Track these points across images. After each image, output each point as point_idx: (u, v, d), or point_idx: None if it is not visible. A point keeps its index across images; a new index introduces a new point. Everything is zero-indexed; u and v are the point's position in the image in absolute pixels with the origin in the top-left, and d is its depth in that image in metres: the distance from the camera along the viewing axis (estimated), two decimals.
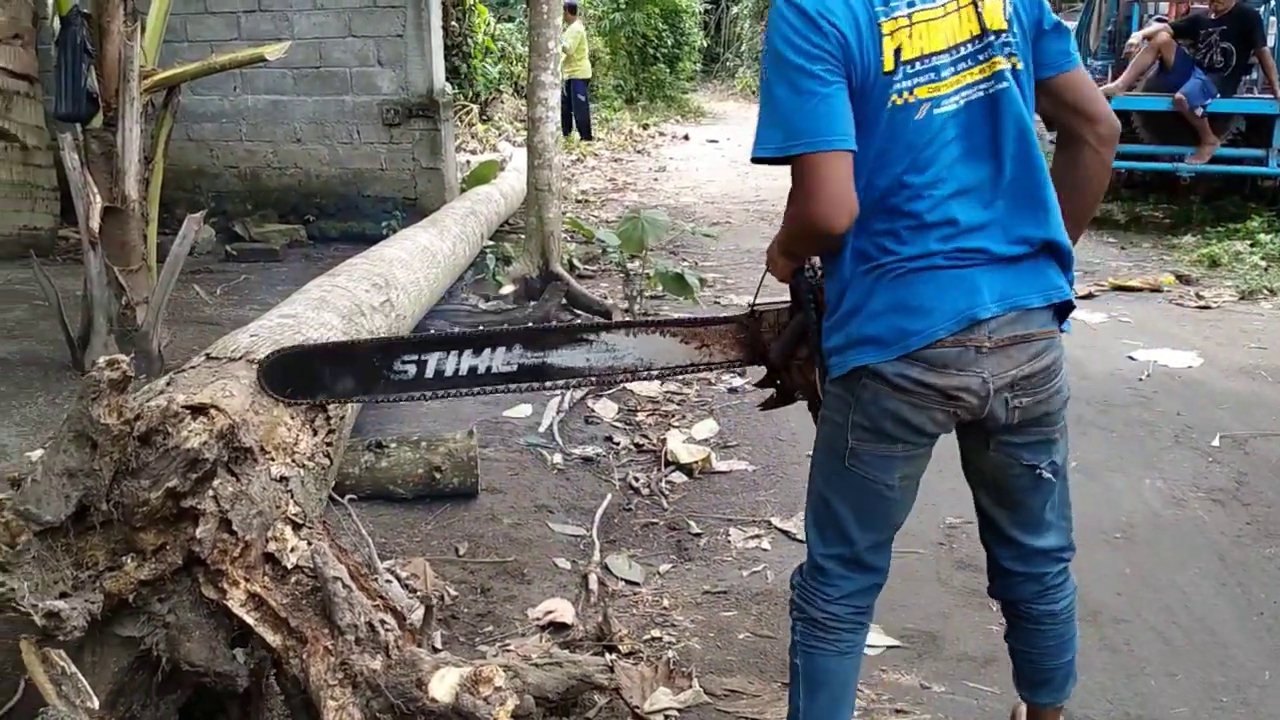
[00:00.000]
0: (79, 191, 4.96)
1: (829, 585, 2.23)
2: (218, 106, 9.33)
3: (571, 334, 2.56)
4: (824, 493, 2.20)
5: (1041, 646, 2.39)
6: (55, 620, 1.94)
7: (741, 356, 2.59)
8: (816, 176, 1.90)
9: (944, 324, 1.96)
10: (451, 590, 3.47)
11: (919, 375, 1.99)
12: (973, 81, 1.98)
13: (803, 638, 2.26)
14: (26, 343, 5.81)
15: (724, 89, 29.94)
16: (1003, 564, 2.34)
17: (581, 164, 15.03)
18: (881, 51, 1.91)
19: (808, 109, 1.90)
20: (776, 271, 2.31)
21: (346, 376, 2.55)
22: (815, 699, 2.26)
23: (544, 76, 6.89)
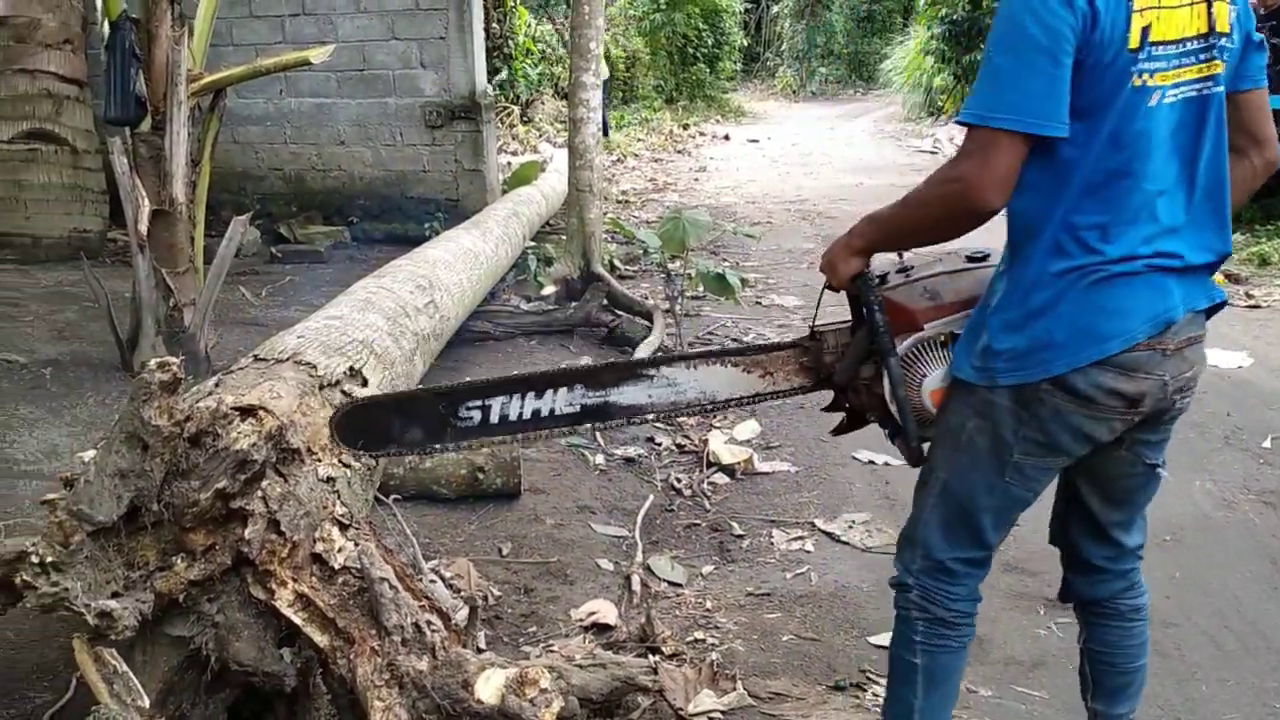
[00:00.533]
0: (127, 195, 5.03)
1: (956, 585, 2.21)
2: (263, 109, 9.42)
3: (631, 370, 2.51)
4: (964, 501, 2.14)
5: (1126, 646, 2.35)
6: (107, 620, 1.97)
7: (807, 382, 2.50)
8: (998, 152, 1.85)
9: (1143, 327, 1.92)
10: (495, 591, 3.48)
11: (1110, 383, 1.94)
12: (1191, 79, 1.93)
13: (926, 637, 2.23)
14: (77, 344, 5.89)
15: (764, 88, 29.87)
16: (1095, 562, 2.30)
17: (622, 164, 15.05)
18: (1130, 27, 1.84)
19: (1029, 85, 1.84)
20: (838, 274, 2.21)
21: (415, 426, 2.51)
22: (932, 695, 2.26)
23: (585, 77, 6.90)
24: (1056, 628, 3.24)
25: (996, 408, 2.04)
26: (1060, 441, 2.02)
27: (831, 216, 10.72)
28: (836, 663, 3.12)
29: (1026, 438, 2.03)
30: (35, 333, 6.05)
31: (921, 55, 20.26)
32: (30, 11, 8.05)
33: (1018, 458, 2.05)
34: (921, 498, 2.24)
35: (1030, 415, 2.01)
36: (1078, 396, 1.96)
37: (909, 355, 2.20)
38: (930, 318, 2.18)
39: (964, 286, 2.19)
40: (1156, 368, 1.95)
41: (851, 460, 4.52)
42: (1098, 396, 1.95)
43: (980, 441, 2.08)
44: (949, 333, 2.17)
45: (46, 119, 8.15)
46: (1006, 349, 2.00)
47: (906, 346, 2.19)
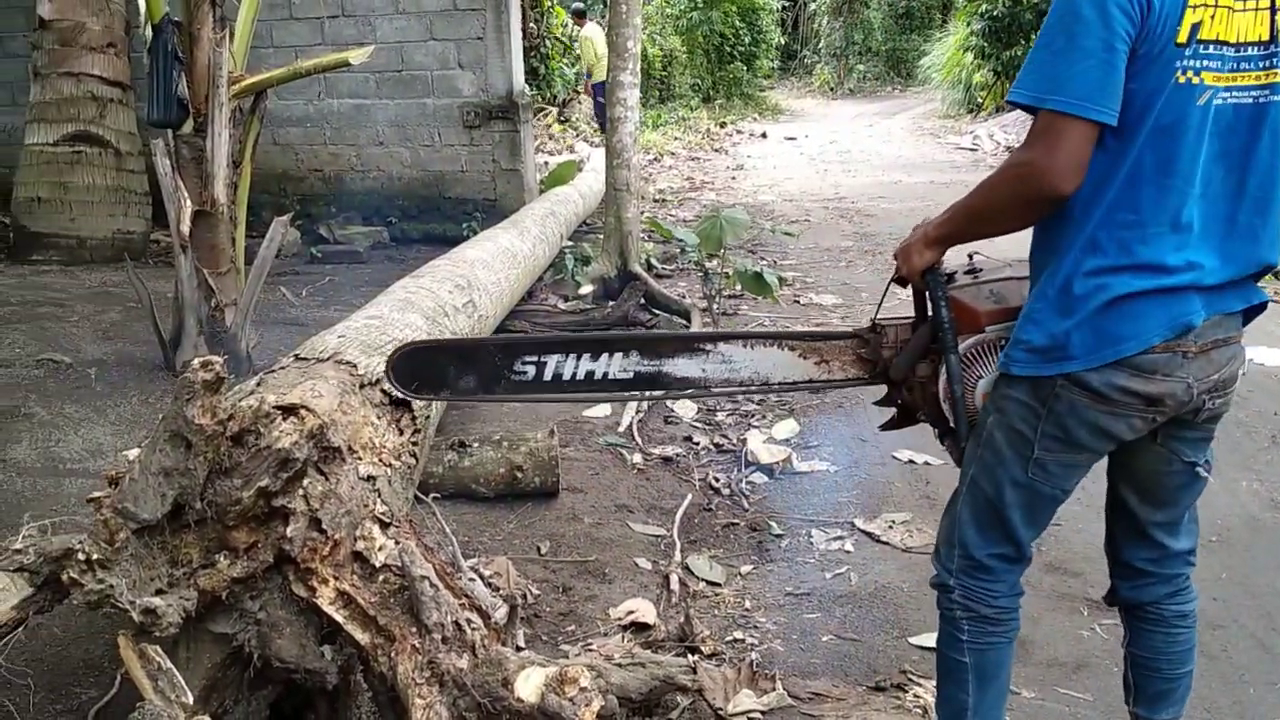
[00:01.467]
0: (170, 196, 5.08)
1: (997, 581, 2.21)
2: (302, 111, 9.50)
3: (688, 343, 2.52)
4: (992, 497, 2.15)
5: (1170, 652, 2.32)
6: (152, 617, 1.98)
7: (862, 374, 2.50)
8: (1062, 136, 1.84)
9: (1159, 330, 1.92)
10: (534, 589, 3.48)
11: (1125, 382, 1.95)
12: (1248, 85, 1.91)
13: (973, 636, 2.23)
14: (120, 344, 5.96)
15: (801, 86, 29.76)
16: (1136, 565, 2.28)
17: (659, 163, 15.05)
18: (1181, 21, 1.83)
19: (1082, 68, 1.82)
20: (912, 264, 2.21)
21: (470, 374, 2.53)
22: (987, 691, 2.26)
23: (623, 76, 6.91)
24: (1100, 629, 3.21)
25: (1012, 401, 2.07)
26: (1079, 438, 2.02)
27: (870, 214, 10.66)
28: (877, 663, 3.10)
29: (1045, 433, 2.04)
30: (80, 333, 6.13)
31: (961, 52, 20.11)
32: (75, 15, 8.16)
33: (1039, 453, 2.06)
34: (954, 497, 2.26)
35: (1048, 410, 2.02)
36: (1092, 392, 1.97)
37: (968, 355, 2.20)
38: (993, 320, 2.19)
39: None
40: (1178, 370, 1.95)
41: (891, 459, 4.49)
42: (1112, 394, 1.96)
43: (999, 436, 2.11)
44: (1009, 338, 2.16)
45: (91, 121, 8.26)
46: (1025, 339, 2.02)
47: (967, 346, 2.20)
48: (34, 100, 8.31)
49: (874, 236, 9.45)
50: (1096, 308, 1.93)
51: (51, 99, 8.20)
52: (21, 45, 9.45)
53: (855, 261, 8.51)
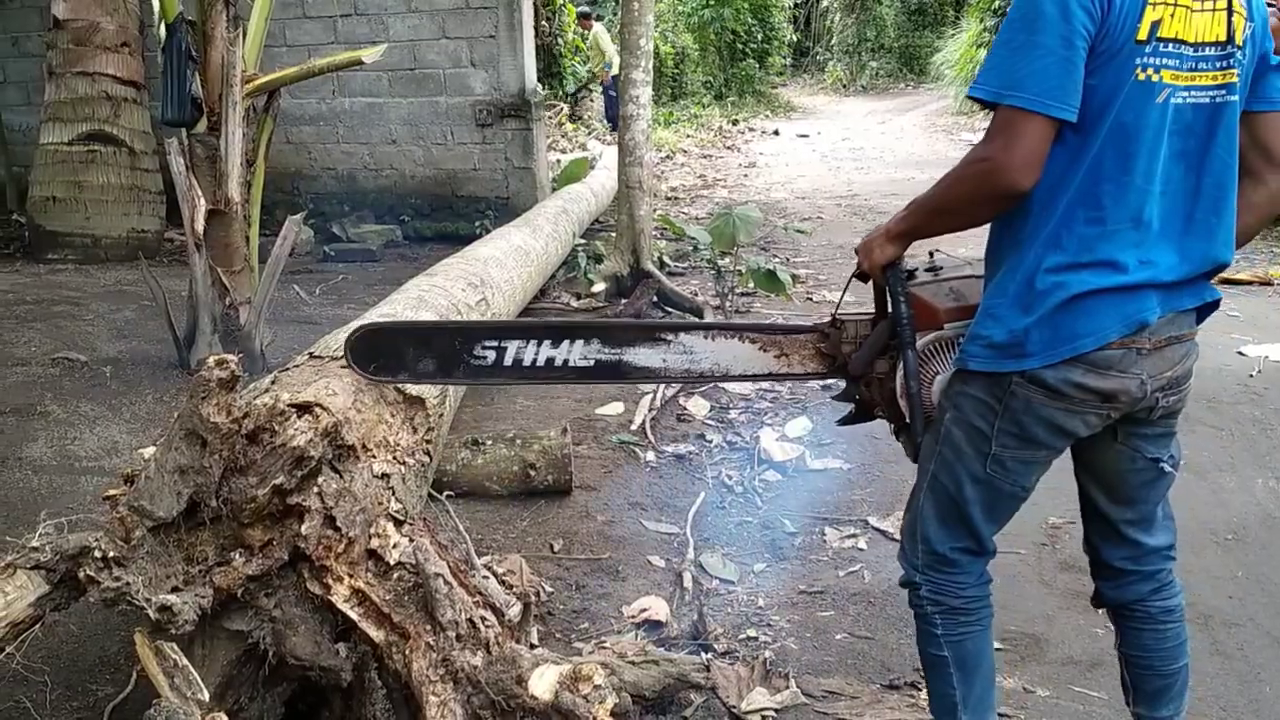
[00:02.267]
0: (184, 195, 5.10)
1: (961, 574, 2.23)
2: (315, 110, 9.52)
3: (650, 333, 2.54)
4: (952, 493, 2.16)
5: (1161, 649, 2.32)
6: (168, 614, 1.99)
7: (822, 368, 2.53)
8: (1020, 133, 1.85)
9: (1115, 327, 1.94)
10: (547, 587, 3.48)
11: (1080, 379, 1.96)
12: (1205, 85, 1.93)
13: (947, 629, 2.24)
14: (135, 342, 5.98)
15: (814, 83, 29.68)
16: (1115, 564, 2.29)
17: (671, 161, 15.04)
18: (1141, 19, 1.85)
19: (1041, 66, 1.83)
20: (873, 259, 2.22)
21: (429, 358, 2.55)
22: (973, 682, 2.27)
23: (635, 74, 6.90)
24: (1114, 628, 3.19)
25: (969, 398, 2.08)
26: (1035, 434, 2.04)
27: (883, 211, 10.62)
28: (891, 661, 3.10)
29: (1002, 430, 2.05)
30: (95, 331, 6.16)
31: (974, 48, 20.02)
32: (89, 15, 8.19)
33: (996, 449, 2.08)
34: (914, 494, 2.27)
35: (1004, 407, 2.04)
36: (1048, 390, 1.99)
37: (925, 352, 2.22)
38: (952, 318, 2.21)
39: None
40: (1132, 366, 1.97)
41: (904, 457, 4.47)
42: (1068, 390, 1.98)
43: (956, 432, 2.12)
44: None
45: (105, 121, 8.30)
46: (983, 335, 2.03)
47: (925, 343, 2.21)
48: (49, 100, 8.35)
49: None
50: (1056, 305, 1.94)
51: (66, 98, 8.24)
52: (37, 45, 9.50)
53: None
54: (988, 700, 2.32)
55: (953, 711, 2.29)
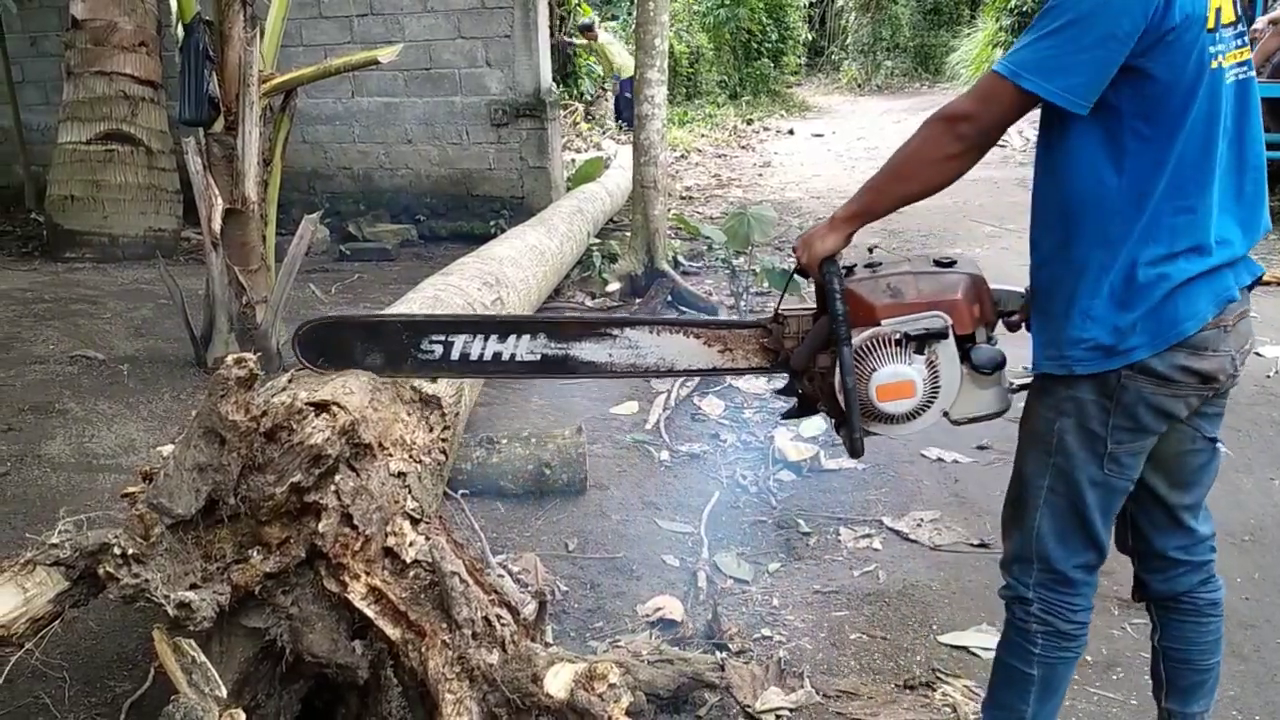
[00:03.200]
0: (201, 194, 5.12)
1: (1077, 596, 2.20)
2: (332, 109, 9.54)
3: (596, 328, 2.54)
4: (1072, 502, 2.13)
5: (1202, 642, 2.32)
6: (186, 611, 2.01)
7: (765, 363, 2.54)
8: (1000, 100, 1.93)
9: (1210, 307, 1.97)
10: (562, 585, 3.50)
11: (1185, 362, 1.99)
12: (1236, 63, 1.98)
13: (1046, 650, 2.21)
14: (152, 340, 6.01)
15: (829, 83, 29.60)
16: (1169, 554, 2.27)
17: (685, 160, 15.03)
18: (1208, 6, 1.88)
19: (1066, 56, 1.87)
20: (812, 252, 2.22)
21: (376, 351, 2.56)
22: (1046, 704, 2.27)
23: (650, 74, 6.90)
24: (1131, 629, 3.19)
25: (1082, 403, 2.06)
26: (1146, 422, 2.05)
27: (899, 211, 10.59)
28: (905, 661, 3.10)
29: (1117, 426, 2.05)
30: (113, 329, 6.20)
31: (989, 47, 19.96)
32: (107, 15, 8.23)
33: (1112, 448, 2.07)
34: (1023, 512, 2.21)
35: (1116, 404, 2.03)
36: (1158, 377, 2.00)
37: (863, 348, 2.21)
38: (889, 314, 2.21)
39: (927, 288, 2.21)
40: (1222, 344, 2.00)
41: (920, 457, 4.47)
42: (1175, 375, 1.99)
43: (1071, 440, 2.09)
44: (904, 332, 2.19)
45: (123, 120, 8.34)
46: (1085, 338, 2.02)
47: (863, 339, 2.21)
48: (67, 99, 8.39)
49: (902, 234, 9.39)
50: (1161, 296, 1.95)
51: (84, 98, 8.28)
52: (55, 45, 9.55)
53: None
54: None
55: None
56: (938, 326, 2.17)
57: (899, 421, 2.26)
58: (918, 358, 2.19)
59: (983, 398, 2.27)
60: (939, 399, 2.22)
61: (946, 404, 2.24)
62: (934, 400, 2.22)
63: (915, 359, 2.19)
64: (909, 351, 2.19)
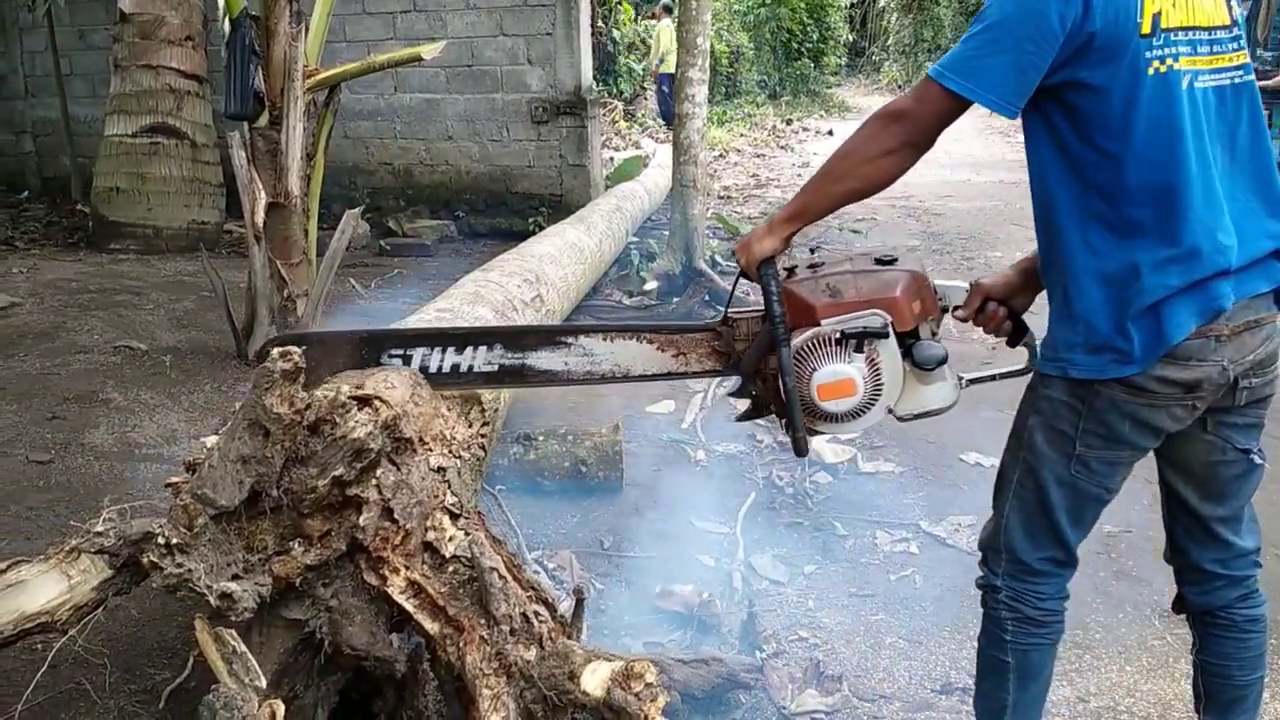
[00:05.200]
0: (245, 188, 5.17)
1: (1044, 584, 2.22)
2: (374, 105, 9.60)
3: (550, 336, 2.57)
4: (1038, 499, 2.15)
5: (1242, 658, 2.28)
6: (228, 601, 2.02)
7: (718, 366, 2.55)
8: (931, 100, 1.96)
9: (1193, 317, 1.93)
10: (597, 583, 3.50)
11: (1161, 372, 1.95)
12: (1224, 66, 1.97)
13: (1016, 636, 2.24)
14: (194, 332, 6.08)
15: (869, 83, 29.51)
16: (1205, 567, 2.25)
17: (724, 159, 15.01)
18: (1141, 14, 1.87)
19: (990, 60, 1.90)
20: (751, 254, 2.24)
21: (338, 366, 2.56)
22: (1027, 691, 2.28)
23: (692, 73, 6.90)
24: (1172, 639, 3.15)
25: (1054, 402, 2.08)
26: (1120, 432, 2.03)
27: (937, 213, 10.55)
28: (942, 667, 3.08)
29: (1087, 430, 2.05)
30: (156, 320, 6.27)
31: None
32: (155, 9, 8.32)
33: (1080, 450, 2.07)
34: (999, 501, 2.25)
35: (1087, 408, 2.03)
36: (1132, 387, 1.98)
37: (803, 348, 2.22)
38: (829, 314, 2.22)
39: (866, 287, 2.22)
40: (1211, 354, 1.96)
41: (958, 461, 4.44)
42: (1151, 386, 1.97)
43: (1040, 437, 2.11)
44: (843, 331, 2.20)
45: (168, 114, 8.44)
46: (1080, 341, 2.01)
47: (802, 340, 2.22)
48: (114, 92, 8.50)
49: (941, 236, 9.35)
50: (1145, 307, 1.93)
51: (131, 91, 8.38)
52: (103, 38, 9.68)
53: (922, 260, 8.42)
54: (1036, 710, 2.32)
55: (999, 714, 2.30)
56: (876, 325, 2.19)
57: (844, 420, 2.27)
58: (858, 356, 2.21)
59: (928, 393, 2.29)
60: (882, 396, 2.24)
61: (891, 401, 2.26)
62: (877, 398, 2.24)
63: (855, 357, 2.21)
64: (849, 350, 2.21)
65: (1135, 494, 2.22)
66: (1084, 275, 1.99)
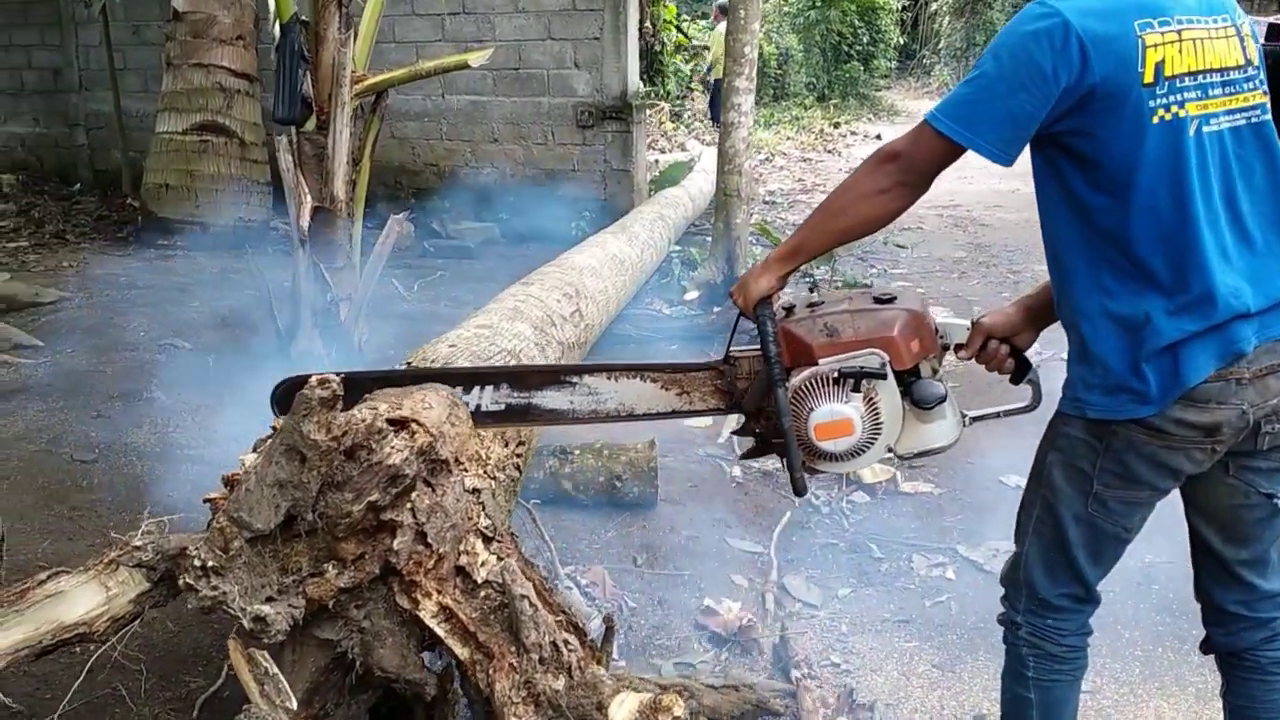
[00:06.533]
0: (291, 192, 5.20)
1: (1065, 621, 2.22)
2: (421, 106, 9.65)
3: (555, 376, 2.58)
4: (1056, 536, 2.14)
5: (1267, 700, 2.25)
6: (262, 624, 2.04)
7: (721, 405, 2.55)
8: (925, 144, 1.97)
9: (1212, 360, 1.92)
10: (629, 601, 3.50)
11: (1180, 414, 1.94)
12: (1240, 107, 1.95)
13: (1039, 673, 2.24)
14: (238, 331, 6.14)
15: (919, 87, 29.28)
16: (1228, 609, 2.22)
17: (770, 163, 14.96)
18: (1143, 64, 1.86)
19: (985, 106, 1.92)
20: (748, 294, 2.25)
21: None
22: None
23: (738, 82, 6.87)
24: (1212, 675, 3.07)
25: (1072, 440, 2.07)
26: (1138, 473, 2.02)
27: (985, 224, 10.45)
28: (974, 697, 3.05)
29: (1104, 469, 2.04)
30: (201, 319, 6.35)
31: None
32: (207, 8, 8.43)
33: (1097, 488, 2.06)
34: (1020, 536, 2.26)
35: (1105, 447, 2.02)
36: (1150, 429, 1.96)
37: (801, 388, 2.23)
38: (826, 353, 2.22)
39: (864, 326, 2.22)
40: (1231, 397, 1.94)
41: (998, 484, 4.39)
42: (1169, 428, 1.95)
43: (1058, 474, 2.11)
44: (840, 371, 2.20)
45: (218, 112, 8.54)
46: (1096, 383, 2.01)
47: (800, 380, 2.22)
48: (165, 89, 8.62)
49: (989, 247, 9.26)
50: (1159, 350, 1.92)
51: (182, 89, 8.49)
52: (156, 34, 9.80)
53: (969, 273, 8.35)
54: None
55: None
56: (874, 365, 2.19)
57: (842, 459, 2.28)
58: (855, 396, 2.21)
59: (928, 432, 2.29)
60: (881, 435, 2.25)
61: (890, 440, 2.26)
62: (876, 437, 2.24)
63: (853, 397, 2.21)
64: (846, 390, 2.21)
65: (1179, 520, 2.19)
66: (1097, 317, 1.99)
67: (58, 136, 11.46)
